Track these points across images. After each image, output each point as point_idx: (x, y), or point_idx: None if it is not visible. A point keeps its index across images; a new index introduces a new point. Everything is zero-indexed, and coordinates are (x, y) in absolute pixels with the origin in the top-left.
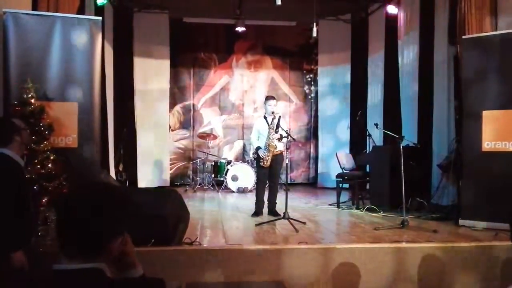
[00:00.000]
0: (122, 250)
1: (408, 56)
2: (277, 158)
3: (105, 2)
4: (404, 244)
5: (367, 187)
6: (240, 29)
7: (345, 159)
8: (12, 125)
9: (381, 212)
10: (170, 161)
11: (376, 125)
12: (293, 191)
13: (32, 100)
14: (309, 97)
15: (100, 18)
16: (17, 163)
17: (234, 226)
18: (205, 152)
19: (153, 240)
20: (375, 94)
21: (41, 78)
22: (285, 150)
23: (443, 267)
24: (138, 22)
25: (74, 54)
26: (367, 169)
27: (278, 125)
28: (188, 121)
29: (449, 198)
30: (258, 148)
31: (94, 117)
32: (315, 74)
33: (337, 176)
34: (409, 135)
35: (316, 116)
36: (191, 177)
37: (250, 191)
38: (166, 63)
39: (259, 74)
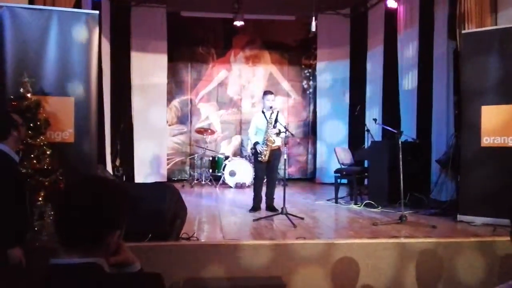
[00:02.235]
0: (119, 245)
1: (407, 50)
2: (275, 153)
3: None
4: (402, 240)
5: (366, 182)
6: (238, 23)
7: (344, 155)
8: (10, 119)
9: (380, 208)
10: (168, 156)
11: (375, 120)
12: (291, 186)
13: (29, 95)
14: (308, 92)
15: (97, 12)
16: (12, 159)
17: (231, 221)
18: (202, 147)
19: (150, 236)
20: (374, 89)
21: (38, 72)
22: (283, 145)
23: (441, 263)
24: (136, 17)
25: (71, 49)
26: (366, 165)
27: (276, 120)
28: (185, 116)
29: (448, 194)
30: (256, 143)
31: (91, 112)
32: (314, 69)
33: (335, 172)
34: (408, 130)
35: (314, 111)
36: (188, 172)
37: (248, 186)
38: (164, 57)
39: (258, 69)
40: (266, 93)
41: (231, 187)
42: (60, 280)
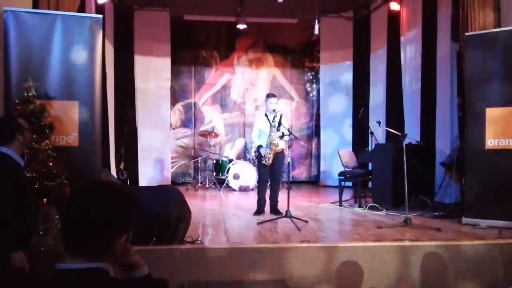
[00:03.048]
0: (127, 249)
1: (410, 53)
2: (279, 156)
3: None
4: (407, 243)
5: (370, 185)
6: (241, 26)
7: (348, 157)
8: (16, 123)
9: (384, 210)
10: (172, 159)
11: (379, 123)
12: (295, 189)
13: (33, 99)
14: (311, 95)
15: (101, 16)
16: (17, 162)
17: (236, 224)
18: (206, 151)
19: (154, 239)
20: (377, 91)
21: (42, 76)
22: (287, 148)
23: (446, 266)
24: (139, 20)
25: (74, 52)
26: (370, 167)
27: (280, 123)
28: (189, 119)
29: (452, 196)
30: (259, 146)
31: (95, 116)
32: (317, 72)
33: (339, 174)
34: (412, 132)
35: (318, 114)
36: (192, 175)
37: (252, 189)
38: (167, 61)
39: (261, 72)
40: (269, 96)
41: (235, 190)
42: (65, 285)
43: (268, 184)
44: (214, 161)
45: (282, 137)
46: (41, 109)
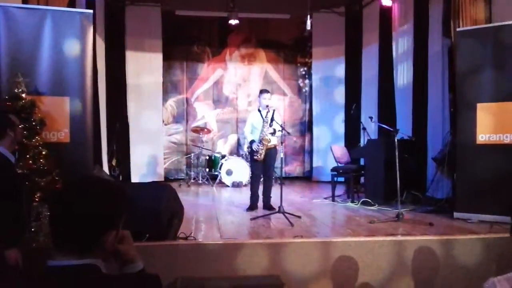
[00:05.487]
0: (118, 246)
1: (402, 48)
2: (271, 152)
3: None
4: (399, 237)
5: (362, 180)
6: (233, 22)
7: (340, 153)
8: (7, 119)
9: (376, 205)
10: (164, 155)
11: (371, 118)
12: (288, 185)
13: (23, 95)
14: (304, 90)
15: (91, 11)
16: (7, 159)
17: (229, 220)
18: (199, 146)
19: (147, 235)
20: (369, 87)
21: (32, 72)
22: (280, 144)
23: (438, 260)
24: (130, 15)
25: (65, 48)
26: (362, 163)
27: (272, 119)
28: (181, 115)
29: (444, 191)
30: (252, 141)
31: (86, 112)
32: (309, 67)
33: (332, 170)
34: (404, 128)
35: (310, 110)
36: (185, 171)
37: (245, 185)
38: (159, 56)
39: (253, 68)
40: (262, 91)
41: (228, 186)
42: (56, 281)
43: (261, 180)
44: (207, 157)
45: (274, 133)
46: (31, 105)
